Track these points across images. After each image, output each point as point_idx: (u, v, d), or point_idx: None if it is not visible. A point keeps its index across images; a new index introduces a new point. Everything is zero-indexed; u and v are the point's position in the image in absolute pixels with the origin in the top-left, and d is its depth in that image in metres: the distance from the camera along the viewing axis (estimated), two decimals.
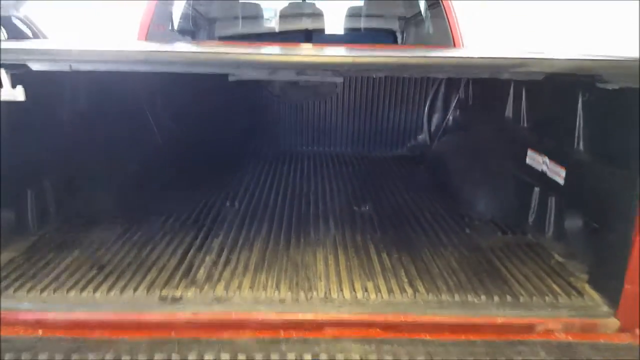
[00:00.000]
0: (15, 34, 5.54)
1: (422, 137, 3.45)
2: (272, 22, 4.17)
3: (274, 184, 2.69)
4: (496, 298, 1.52)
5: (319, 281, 1.59)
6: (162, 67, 1.31)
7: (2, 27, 5.40)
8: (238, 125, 3.25)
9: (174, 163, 2.85)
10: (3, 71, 1.22)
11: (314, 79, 1.30)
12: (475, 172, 2.49)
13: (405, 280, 1.63)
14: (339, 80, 1.26)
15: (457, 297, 1.53)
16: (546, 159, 1.97)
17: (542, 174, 1.97)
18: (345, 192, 2.61)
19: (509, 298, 1.52)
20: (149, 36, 2.99)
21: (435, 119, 3.39)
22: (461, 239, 1.99)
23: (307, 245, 1.89)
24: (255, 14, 3.90)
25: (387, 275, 1.65)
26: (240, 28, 3.72)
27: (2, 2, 5.33)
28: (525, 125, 2.21)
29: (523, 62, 1.34)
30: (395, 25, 3.95)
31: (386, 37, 3.89)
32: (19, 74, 1.25)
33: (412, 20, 3.80)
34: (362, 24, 3.96)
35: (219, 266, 1.68)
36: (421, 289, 1.56)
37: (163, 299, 1.47)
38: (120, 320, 1.38)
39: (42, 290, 1.47)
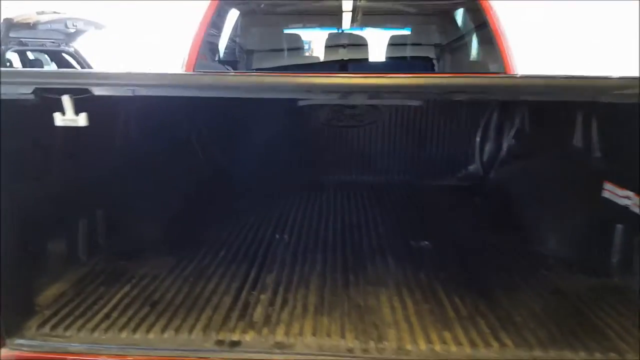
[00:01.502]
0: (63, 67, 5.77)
1: (474, 167, 3.26)
2: (308, 53, 4.14)
3: (322, 214, 2.56)
4: (598, 355, 1.31)
5: (388, 329, 1.43)
6: (230, 93, 1.23)
7: (51, 62, 5.63)
8: (282, 155, 3.17)
9: (221, 193, 2.79)
10: (66, 97, 1.17)
11: (390, 103, 1.20)
12: (542, 206, 2.28)
13: (487, 330, 1.44)
14: (417, 104, 1.15)
15: (552, 354, 1.33)
16: (630, 193, 1.76)
17: (625, 209, 1.76)
18: (397, 224, 2.45)
19: (612, 355, 1.31)
20: (197, 67, 2.99)
21: (488, 148, 3.20)
22: (539, 281, 1.79)
23: (367, 284, 1.73)
24: (294, 45, 3.86)
25: (465, 325, 1.47)
26: (279, 59, 3.68)
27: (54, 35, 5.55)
28: (598, 154, 2.02)
29: (627, 84, 1.18)
30: (434, 53, 3.82)
31: (425, 66, 3.76)
32: (81, 100, 1.20)
33: (454, 45, 3.67)
34: (403, 53, 3.87)
35: (276, 306, 1.55)
36: (508, 342, 1.37)
37: (220, 343, 1.34)
38: None
39: (93, 330, 1.38)
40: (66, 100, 1.17)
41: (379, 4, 3.74)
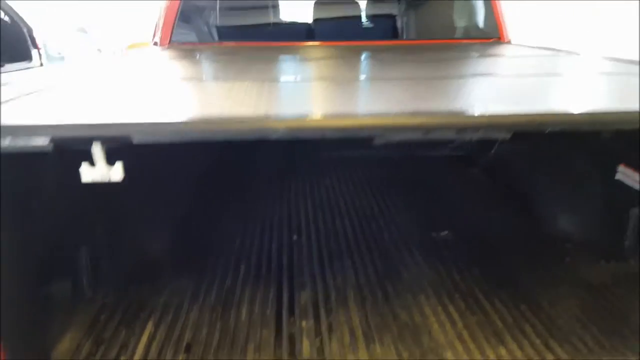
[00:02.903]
0: None
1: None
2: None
3: (331, 203, 2.42)
4: None
5: (444, 352, 1.38)
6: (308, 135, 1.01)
7: None
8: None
9: (219, 190, 2.54)
10: (98, 145, 0.92)
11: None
12: (554, 185, 2.26)
13: (538, 341, 1.43)
14: (506, 136, 1.00)
15: None
16: None
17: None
18: (408, 209, 2.36)
19: None
20: (174, 35, 2.60)
21: None
22: (567, 272, 1.80)
23: (407, 292, 1.67)
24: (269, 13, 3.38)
25: (516, 336, 1.45)
26: (253, 27, 3.21)
27: None
28: (610, 135, 1.99)
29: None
30: (419, 14, 3.48)
31: (410, 29, 3.42)
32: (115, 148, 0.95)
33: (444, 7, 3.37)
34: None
35: (324, 336, 1.45)
36: (562, 353, 1.37)
37: None
38: None
39: None
40: (97, 149, 0.92)
41: None
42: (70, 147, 0.93)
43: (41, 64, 5.15)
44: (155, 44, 2.68)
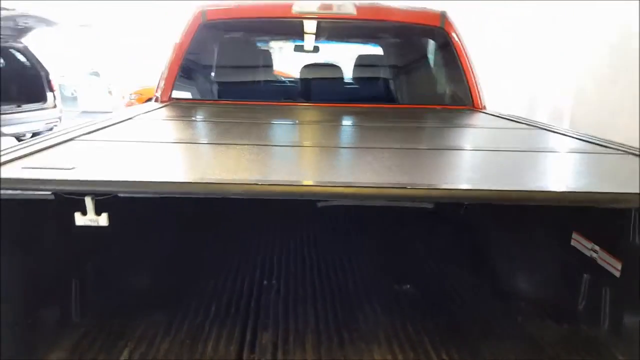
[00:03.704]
0: (14, 64, 5.37)
1: None
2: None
3: (303, 249, 2.62)
4: None
5: None
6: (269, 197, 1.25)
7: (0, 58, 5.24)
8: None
9: (201, 231, 2.75)
10: (89, 199, 1.17)
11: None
12: (514, 246, 2.45)
13: None
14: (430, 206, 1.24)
15: None
16: (595, 247, 1.89)
17: (592, 261, 1.88)
18: (374, 260, 2.54)
19: None
20: (173, 93, 2.91)
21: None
22: (516, 331, 1.94)
23: (360, 341, 1.82)
24: (264, 77, 3.68)
25: None
26: (249, 89, 3.49)
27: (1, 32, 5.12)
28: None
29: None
30: (399, 83, 3.76)
31: (390, 98, 3.71)
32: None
33: (421, 76, 3.73)
34: (366, 84, 3.81)
35: None
36: None
37: None
38: None
39: None
40: (89, 202, 1.17)
41: (342, 29, 3.71)
42: (68, 197, 1.17)
43: (55, 106, 5.55)
44: (157, 99, 2.99)
